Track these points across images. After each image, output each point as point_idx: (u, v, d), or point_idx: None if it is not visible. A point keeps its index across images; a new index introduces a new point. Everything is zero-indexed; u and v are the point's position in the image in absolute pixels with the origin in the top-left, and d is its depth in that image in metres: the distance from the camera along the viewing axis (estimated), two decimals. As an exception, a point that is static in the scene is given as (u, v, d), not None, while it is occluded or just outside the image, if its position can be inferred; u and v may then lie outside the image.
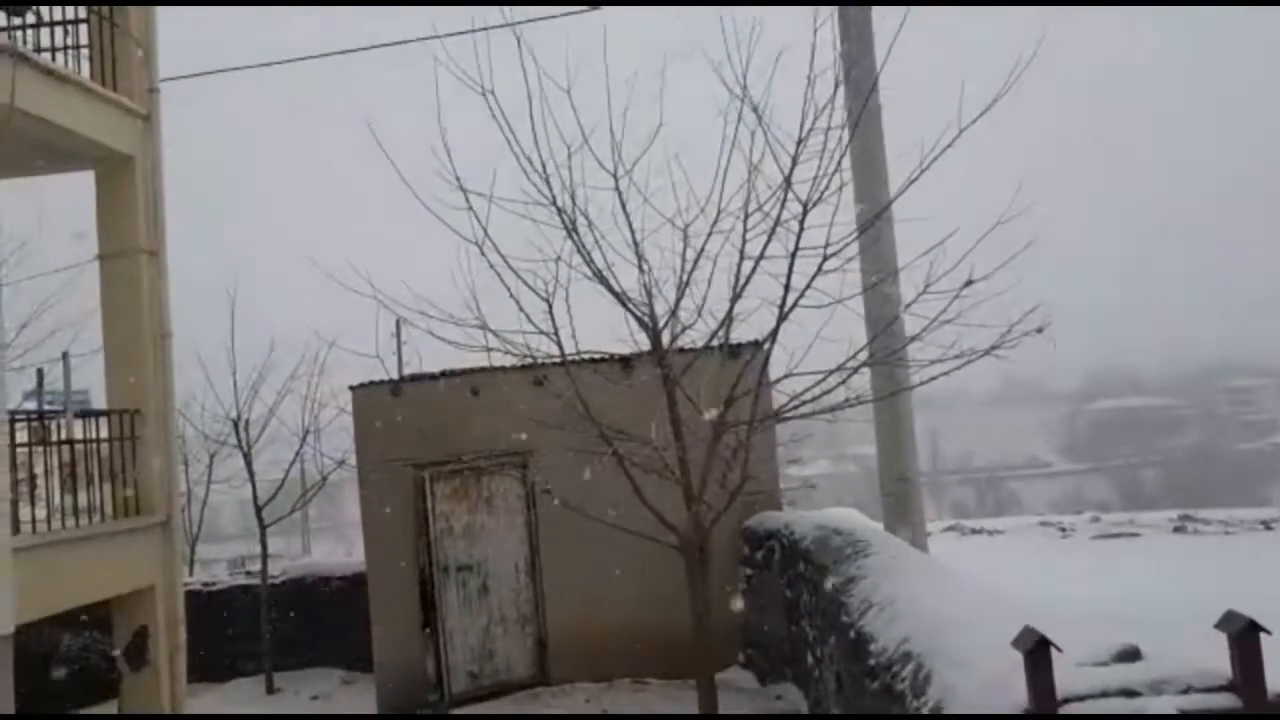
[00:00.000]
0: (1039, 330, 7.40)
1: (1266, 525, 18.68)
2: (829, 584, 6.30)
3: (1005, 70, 7.14)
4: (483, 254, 7.44)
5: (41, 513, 8.53)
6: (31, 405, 10.88)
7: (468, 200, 7.46)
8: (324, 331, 12.24)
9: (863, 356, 7.66)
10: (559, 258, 7.66)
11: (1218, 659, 2.34)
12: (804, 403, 7.49)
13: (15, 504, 8.02)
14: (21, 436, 8.67)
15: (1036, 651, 2.28)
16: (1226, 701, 2.22)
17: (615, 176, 7.70)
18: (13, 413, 8.33)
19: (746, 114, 7.39)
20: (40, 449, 8.82)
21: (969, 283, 6.65)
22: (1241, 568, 10.37)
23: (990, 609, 3.83)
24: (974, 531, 21.54)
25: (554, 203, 7.62)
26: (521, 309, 7.47)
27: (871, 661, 4.08)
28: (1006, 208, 7.30)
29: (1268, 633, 2.19)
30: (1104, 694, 2.32)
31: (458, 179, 7.50)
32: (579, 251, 7.61)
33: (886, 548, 6.54)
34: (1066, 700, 2.31)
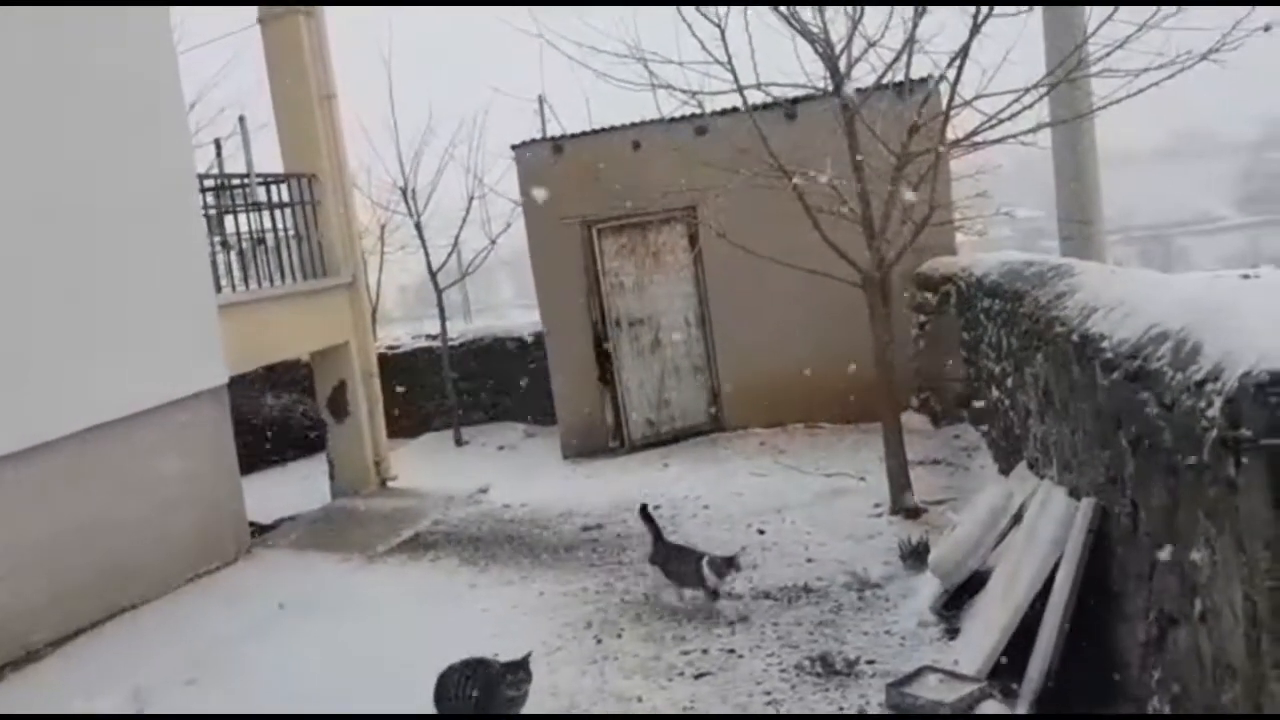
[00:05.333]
0: (1267, 28, 6.65)
1: None
2: (1031, 304, 6.04)
3: None
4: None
5: (237, 273, 8.97)
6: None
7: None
8: (483, 90, 12.13)
9: (1067, 69, 7.07)
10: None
11: None
12: (998, 123, 7.01)
13: (214, 264, 8.43)
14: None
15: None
16: None
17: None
18: (201, 177, 8.62)
19: None
20: (228, 214, 9.17)
21: (1201, -35, 5.92)
22: None
23: (1250, 290, 3.56)
24: (1145, 285, 20.64)
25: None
26: (694, 34, 7.11)
27: (1107, 355, 3.89)
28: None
29: None
30: None
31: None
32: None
33: (1093, 268, 6.20)
34: None
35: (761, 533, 7.42)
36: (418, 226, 12.95)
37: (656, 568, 6.25)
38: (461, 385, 12.82)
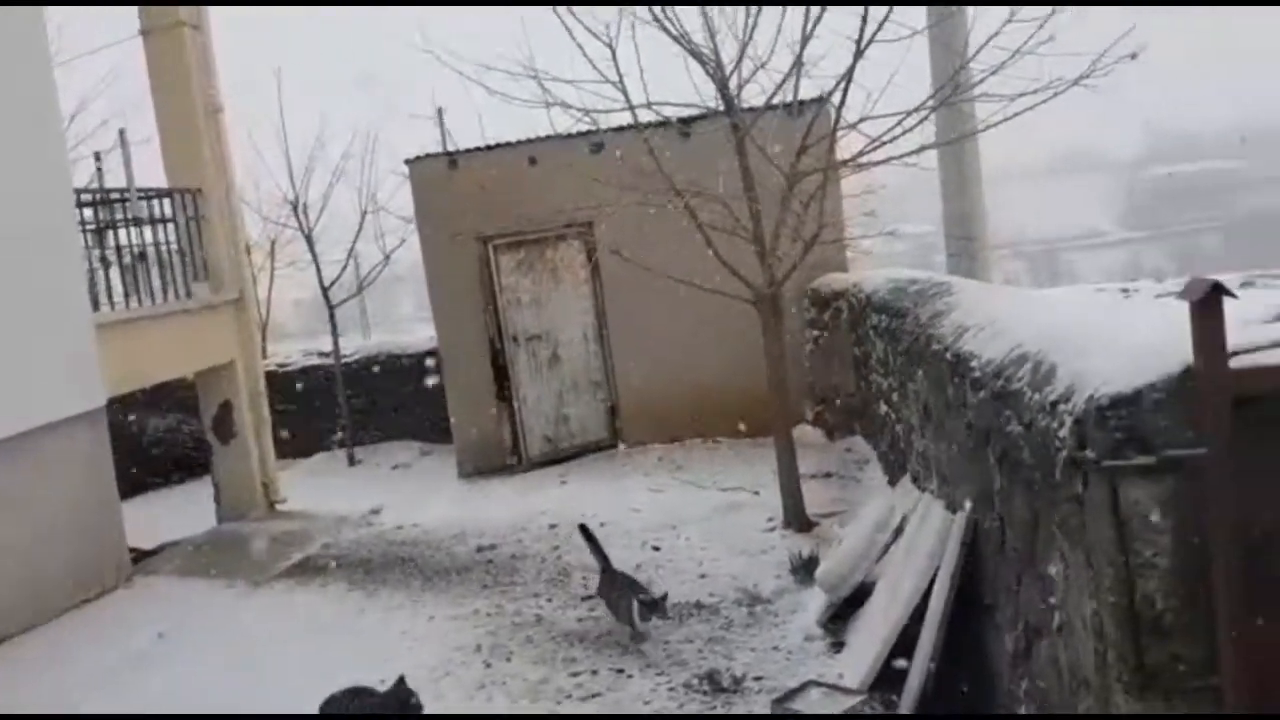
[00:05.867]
0: (1133, 56, 6.98)
1: (1340, 277, 18.54)
2: (912, 322, 6.20)
3: None
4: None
5: (118, 291, 8.66)
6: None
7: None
8: (376, 103, 11.97)
9: (945, 94, 7.31)
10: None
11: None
12: (881, 145, 7.20)
13: (92, 281, 8.14)
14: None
15: (1208, 300, 2.15)
16: None
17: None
18: (79, 191, 8.31)
19: None
20: (109, 230, 8.87)
21: (1065, -2, 6.19)
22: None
23: (1109, 313, 3.71)
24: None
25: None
26: (585, 55, 7.14)
27: (976, 374, 4.01)
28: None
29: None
30: (1275, 345, 2.21)
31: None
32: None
33: (970, 286, 6.40)
34: (1236, 353, 2.20)
35: (657, 549, 7.44)
36: (309, 241, 12.69)
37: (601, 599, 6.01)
38: (356, 403, 12.59)
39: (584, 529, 6.51)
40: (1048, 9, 6.66)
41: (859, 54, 6.98)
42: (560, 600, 6.60)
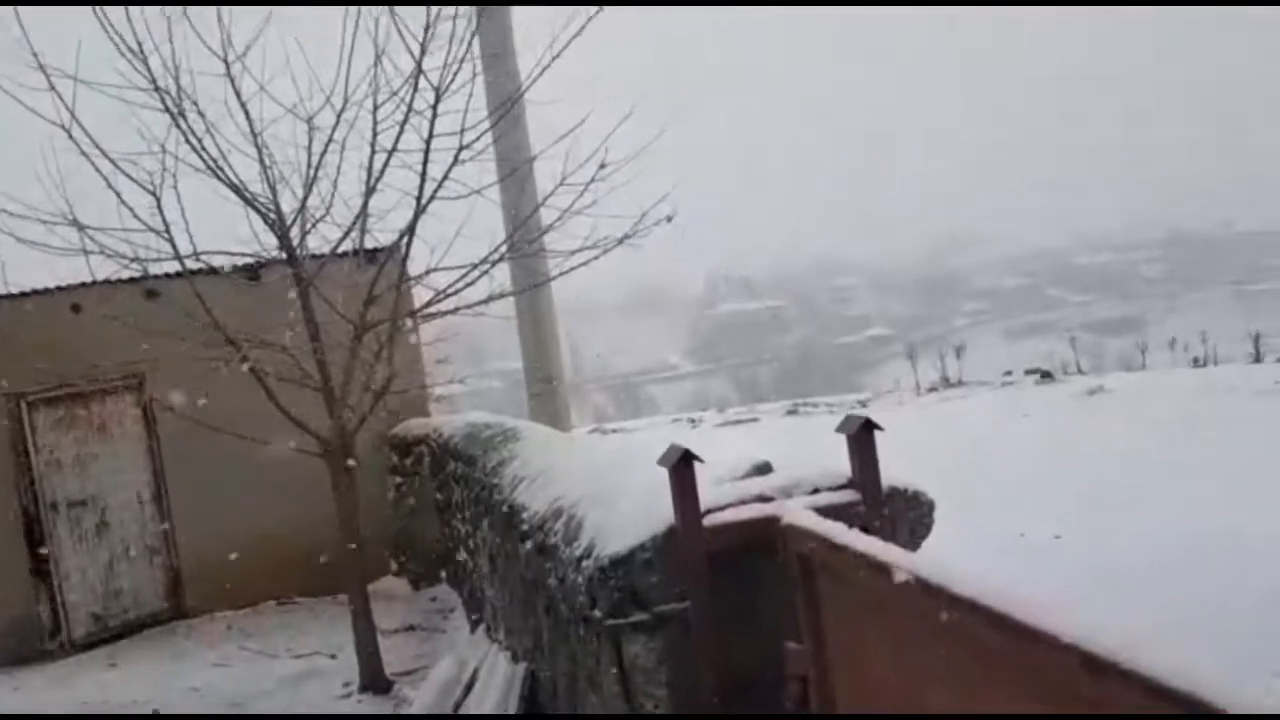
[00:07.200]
0: (669, 219, 7.77)
1: (862, 404, 21.79)
2: (480, 470, 6.31)
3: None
4: (71, 138, 6.55)
5: None
6: None
7: (49, 80, 6.53)
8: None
9: (504, 250, 7.67)
10: (163, 147, 6.93)
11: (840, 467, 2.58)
12: (447, 297, 7.38)
13: None
14: None
15: (680, 466, 2.37)
16: (849, 496, 2.44)
17: (226, 61, 7.09)
18: None
19: None
20: None
21: (602, 165, 6.80)
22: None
23: (637, 460, 3.98)
24: (614, 431, 23.27)
25: (155, 85, 6.85)
26: (123, 202, 6.69)
27: (524, 527, 4.12)
28: (636, 103, 7.68)
29: (880, 429, 2.41)
30: (742, 502, 2.47)
31: (35, 56, 6.54)
32: (187, 139, 6.92)
33: (535, 433, 6.65)
34: (709, 511, 2.42)
35: (216, 734, 6.80)
36: None
37: None
38: None
39: None
40: (590, 176, 7.27)
41: (420, 210, 7.16)
42: (96, 810, 5.79)
